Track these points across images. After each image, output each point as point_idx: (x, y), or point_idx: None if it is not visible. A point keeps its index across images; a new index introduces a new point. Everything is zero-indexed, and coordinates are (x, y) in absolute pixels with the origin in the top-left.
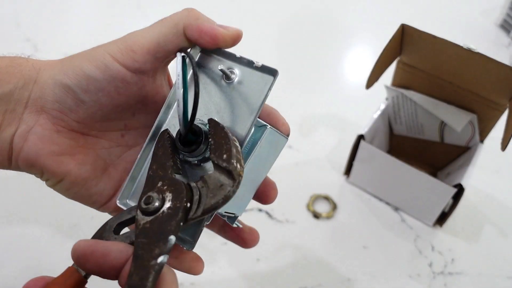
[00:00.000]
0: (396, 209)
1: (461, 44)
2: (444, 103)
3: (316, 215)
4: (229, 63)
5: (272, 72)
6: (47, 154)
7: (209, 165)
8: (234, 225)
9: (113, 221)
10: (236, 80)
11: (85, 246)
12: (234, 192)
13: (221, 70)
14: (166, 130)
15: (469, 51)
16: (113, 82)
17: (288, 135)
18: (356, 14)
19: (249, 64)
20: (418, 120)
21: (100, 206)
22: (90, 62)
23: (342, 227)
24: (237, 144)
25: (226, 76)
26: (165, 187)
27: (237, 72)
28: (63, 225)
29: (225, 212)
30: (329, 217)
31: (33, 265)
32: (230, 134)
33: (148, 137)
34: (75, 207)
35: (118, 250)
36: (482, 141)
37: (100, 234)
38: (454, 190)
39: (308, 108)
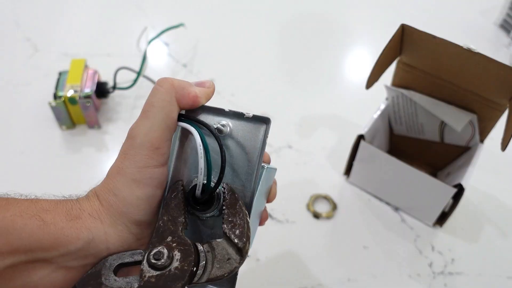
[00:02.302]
0: (396, 209)
1: (461, 44)
2: (444, 103)
3: (316, 215)
4: (219, 118)
5: (265, 121)
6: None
7: (212, 221)
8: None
9: (113, 260)
10: (228, 132)
11: None
12: (239, 267)
13: (217, 128)
14: (180, 181)
15: (469, 51)
16: (162, 185)
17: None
18: (356, 14)
19: (240, 116)
20: (418, 120)
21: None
22: (138, 185)
23: (342, 227)
24: (248, 219)
25: (219, 131)
26: (174, 244)
27: (228, 125)
28: None
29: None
30: (329, 217)
31: None
32: (244, 208)
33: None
34: None
35: None
36: (482, 141)
37: (98, 271)
38: (454, 190)
39: (308, 108)
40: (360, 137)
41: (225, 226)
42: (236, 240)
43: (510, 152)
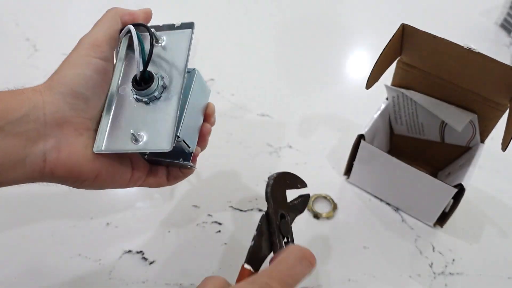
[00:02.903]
0: (397, 209)
1: (461, 44)
2: (445, 103)
3: (316, 215)
4: (157, 32)
5: (190, 25)
6: (83, 158)
7: (158, 105)
8: (190, 166)
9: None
10: (164, 43)
11: None
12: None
13: (153, 33)
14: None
15: (469, 51)
16: (99, 73)
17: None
18: (356, 14)
19: (171, 27)
20: (418, 120)
21: (126, 183)
22: (77, 66)
23: (342, 227)
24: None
25: (156, 40)
26: None
27: (164, 37)
28: (62, 226)
29: (183, 140)
30: (329, 217)
31: (33, 265)
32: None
33: (107, 100)
34: (75, 207)
35: None
36: (483, 141)
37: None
38: (455, 190)
39: (308, 108)
40: (360, 137)
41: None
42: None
43: (511, 152)
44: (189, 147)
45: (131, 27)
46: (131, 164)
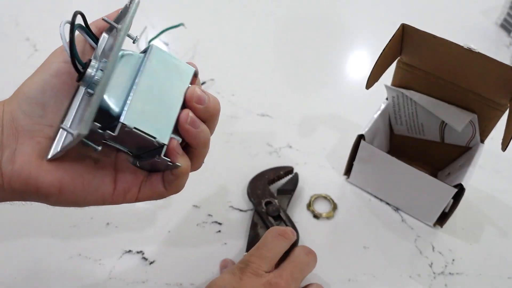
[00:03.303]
0: (397, 209)
1: (461, 44)
2: (445, 103)
3: (316, 215)
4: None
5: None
6: (38, 168)
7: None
8: (168, 162)
9: None
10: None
11: None
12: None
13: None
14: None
15: (469, 51)
16: (59, 76)
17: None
18: (356, 14)
19: (123, 11)
20: (418, 120)
21: (110, 198)
22: (38, 71)
23: (342, 227)
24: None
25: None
26: None
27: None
28: (62, 226)
29: (135, 128)
30: (329, 217)
31: (33, 265)
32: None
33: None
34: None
35: None
36: (482, 141)
37: None
38: (455, 190)
39: (308, 108)
40: (360, 137)
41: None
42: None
43: (511, 152)
44: (154, 138)
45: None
46: (114, 174)
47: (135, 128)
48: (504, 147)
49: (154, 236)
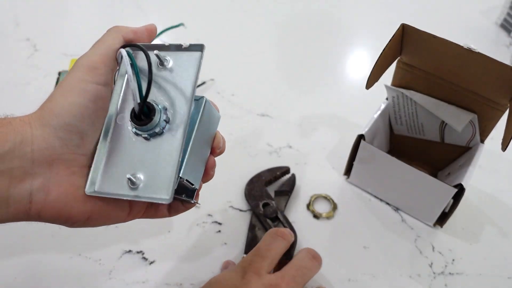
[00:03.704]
0: (396, 209)
1: (461, 44)
2: (445, 103)
3: (316, 215)
4: (162, 53)
5: (199, 47)
6: (73, 199)
7: (159, 141)
8: (193, 202)
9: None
10: (170, 65)
11: None
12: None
13: (156, 54)
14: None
15: (469, 51)
16: (96, 101)
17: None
18: (356, 14)
19: (178, 47)
20: (418, 120)
21: (124, 219)
22: (72, 93)
23: (342, 227)
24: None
25: (160, 62)
26: None
27: (170, 59)
28: (62, 226)
29: (186, 180)
30: (329, 217)
31: (33, 265)
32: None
33: (103, 129)
34: None
35: None
36: (482, 141)
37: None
38: (455, 190)
39: (308, 108)
40: (360, 137)
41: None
42: None
43: (511, 152)
44: (193, 185)
45: (123, 52)
46: (129, 202)
47: (186, 180)
48: (504, 147)
49: (154, 236)
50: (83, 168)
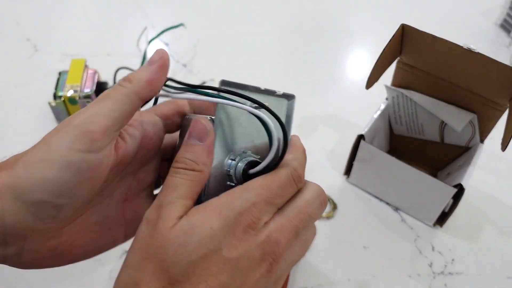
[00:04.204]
0: (396, 209)
1: (461, 44)
2: (444, 103)
3: None
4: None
5: (290, 97)
6: (50, 258)
7: None
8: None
9: None
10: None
11: None
12: None
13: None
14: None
15: (469, 51)
16: (81, 173)
17: None
18: (356, 14)
19: (271, 93)
20: (418, 120)
21: (121, 243)
22: (51, 166)
23: (342, 227)
24: None
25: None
26: None
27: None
28: None
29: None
30: (329, 217)
31: None
32: None
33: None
34: None
35: None
36: (482, 141)
37: None
38: (454, 190)
39: (308, 108)
40: (360, 137)
41: None
42: None
43: (510, 152)
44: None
45: (263, 117)
46: (125, 232)
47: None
48: (504, 147)
49: None
50: (60, 230)
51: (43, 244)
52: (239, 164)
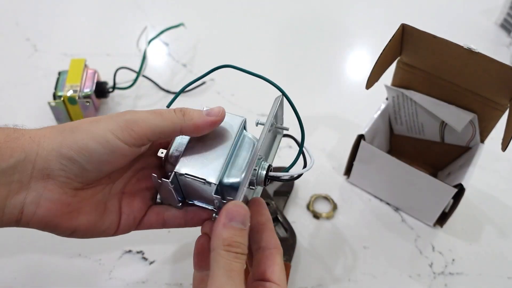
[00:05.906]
0: (397, 209)
1: (461, 44)
2: (445, 103)
3: (316, 215)
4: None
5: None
6: (60, 215)
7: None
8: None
9: None
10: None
11: None
12: None
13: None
14: None
15: (469, 51)
16: (112, 154)
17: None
18: (356, 14)
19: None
20: (418, 120)
21: (112, 234)
22: (93, 139)
23: (342, 227)
24: None
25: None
26: None
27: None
28: None
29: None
30: (329, 217)
31: (33, 265)
32: None
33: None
34: None
35: None
36: (482, 141)
37: None
38: (455, 190)
39: (308, 108)
40: (360, 137)
41: None
42: None
43: (511, 152)
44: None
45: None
46: (118, 220)
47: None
48: (504, 147)
49: (154, 236)
50: (76, 191)
51: (59, 196)
52: (260, 171)
